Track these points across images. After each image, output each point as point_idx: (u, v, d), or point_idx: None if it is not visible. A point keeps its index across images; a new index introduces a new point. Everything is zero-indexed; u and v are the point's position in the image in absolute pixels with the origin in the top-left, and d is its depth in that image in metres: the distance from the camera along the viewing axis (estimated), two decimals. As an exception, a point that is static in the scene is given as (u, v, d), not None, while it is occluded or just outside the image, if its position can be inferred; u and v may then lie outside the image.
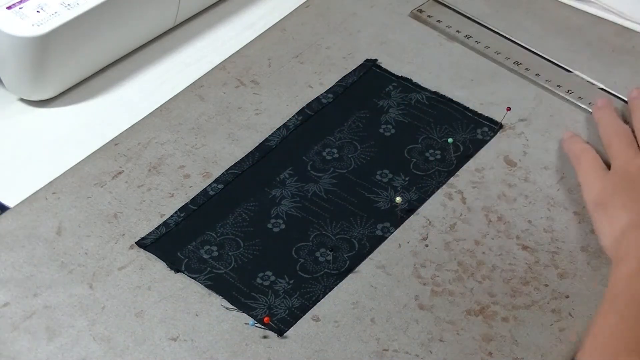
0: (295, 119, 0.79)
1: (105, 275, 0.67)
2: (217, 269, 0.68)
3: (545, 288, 0.67)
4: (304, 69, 0.84)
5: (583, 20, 0.90)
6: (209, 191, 0.73)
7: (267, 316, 0.64)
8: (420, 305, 0.66)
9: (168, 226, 0.71)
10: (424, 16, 0.89)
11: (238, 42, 0.87)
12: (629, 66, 0.85)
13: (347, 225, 0.71)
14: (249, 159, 0.76)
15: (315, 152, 0.76)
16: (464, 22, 0.89)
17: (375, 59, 0.84)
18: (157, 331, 0.64)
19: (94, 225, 0.71)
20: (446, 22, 0.89)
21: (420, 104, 0.80)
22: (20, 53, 0.76)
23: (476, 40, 0.87)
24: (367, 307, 0.66)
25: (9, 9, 0.76)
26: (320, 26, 0.88)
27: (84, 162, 0.75)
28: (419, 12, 0.90)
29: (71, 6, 0.77)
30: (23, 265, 0.68)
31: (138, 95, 0.83)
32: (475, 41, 0.87)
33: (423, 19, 0.89)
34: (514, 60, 0.85)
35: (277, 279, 0.67)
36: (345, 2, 0.91)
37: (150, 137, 0.77)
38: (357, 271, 0.68)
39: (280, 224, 0.71)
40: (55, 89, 0.81)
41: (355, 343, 0.64)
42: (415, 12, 0.90)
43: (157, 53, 0.86)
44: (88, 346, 0.63)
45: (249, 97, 0.81)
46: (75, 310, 0.65)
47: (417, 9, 0.90)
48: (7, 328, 0.64)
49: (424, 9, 0.90)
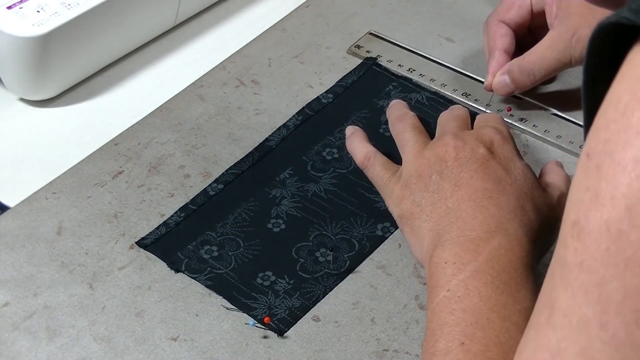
0: (295, 119, 0.79)
1: (105, 275, 0.67)
2: (217, 269, 0.68)
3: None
4: (304, 69, 0.84)
5: (583, 20, 0.90)
6: (209, 191, 0.73)
7: (267, 316, 0.64)
8: (420, 305, 0.66)
9: (168, 226, 0.71)
10: (362, 52, 0.85)
11: (238, 42, 0.87)
12: (629, 66, 0.85)
13: (347, 225, 0.71)
14: (249, 159, 0.76)
15: (315, 152, 0.76)
16: (404, 55, 0.85)
17: (375, 57, 0.84)
18: (157, 331, 0.64)
19: (94, 225, 0.71)
20: (386, 56, 0.84)
21: (420, 104, 0.80)
22: (20, 53, 0.76)
23: (420, 74, 0.83)
24: (367, 307, 0.66)
25: (9, 9, 0.76)
26: (320, 26, 0.88)
27: (84, 162, 0.75)
28: (356, 47, 0.85)
29: (71, 6, 0.77)
30: (23, 265, 0.68)
31: (138, 95, 0.82)
32: (419, 74, 0.83)
33: (361, 55, 0.85)
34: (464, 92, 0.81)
35: (277, 279, 0.67)
36: (345, 2, 0.91)
37: (150, 137, 0.77)
38: (357, 271, 0.68)
39: (280, 224, 0.71)
40: (56, 89, 0.81)
41: (355, 343, 0.64)
42: (353, 48, 0.85)
43: (157, 53, 0.86)
44: (88, 346, 0.63)
45: (249, 97, 0.81)
46: (75, 310, 0.65)
47: (354, 45, 0.86)
48: (7, 328, 0.64)
49: (361, 44, 0.86)
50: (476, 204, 0.63)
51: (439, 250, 0.62)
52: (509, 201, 0.64)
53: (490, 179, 0.65)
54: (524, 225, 0.63)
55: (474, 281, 0.59)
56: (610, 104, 0.41)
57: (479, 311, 0.58)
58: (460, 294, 0.59)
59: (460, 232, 0.62)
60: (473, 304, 0.58)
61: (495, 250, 0.61)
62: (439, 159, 0.67)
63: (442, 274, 0.60)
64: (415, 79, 0.82)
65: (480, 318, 0.57)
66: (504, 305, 0.58)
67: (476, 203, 0.64)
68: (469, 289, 0.59)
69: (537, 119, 0.80)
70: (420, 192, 0.66)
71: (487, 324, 0.57)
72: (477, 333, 0.56)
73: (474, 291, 0.59)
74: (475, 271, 0.59)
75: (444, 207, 0.64)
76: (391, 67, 0.83)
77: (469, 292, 0.59)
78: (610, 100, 0.41)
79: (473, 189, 0.64)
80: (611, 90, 0.41)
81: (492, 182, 0.65)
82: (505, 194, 0.64)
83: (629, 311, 0.40)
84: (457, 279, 0.59)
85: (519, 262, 0.61)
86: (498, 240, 0.61)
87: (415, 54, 0.85)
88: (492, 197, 0.64)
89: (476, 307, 0.58)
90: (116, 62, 0.85)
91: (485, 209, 0.63)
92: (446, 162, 0.66)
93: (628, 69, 0.41)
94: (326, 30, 0.88)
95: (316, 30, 0.88)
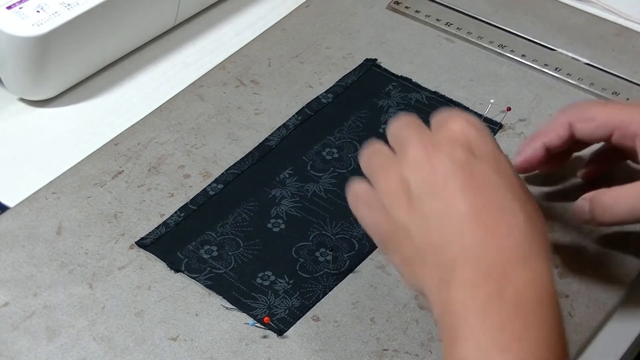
0: (295, 119, 0.79)
1: (105, 275, 0.67)
2: (217, 269, 0.68)
3: (545, 288, 0.67)
4: (304, 69, 0.84)
5: (583, 20, 0.90)
6: (208, 191, 0.73)
7: (267, 316, 0.64)
8: (420, 305, 0.66)
9: (168, 226, 0.71)
10: (402, 8, 0.90)
11: (238, 42, 0.87)
12: (629, 66, 0.85)
13: (347, 225, 0.71)
14: (248, 158, 0.76)
15: (315, 152, 0.76)
16: (443, 11, 0.90)
17: (375, 58, 0.84)
18: (157, 331, 0.64)
19: (94, 225, 0.71)
20: (425, 11, 0.89)
21: (420, 104, 0.80)
22: (20, 53, 0.76)
23: (458, 27, 0.88)
24: (367, 307, 0.66)
25: (9, 8, 0.76)
26: (320, 26, 0.89)
27: (84, 162, 0.75)
28: (395, 4, 0.90)
29: (71, 6, 0.77)
30: (23, 265, 0.68)
31: (138, 95, 0.83)
32: (457, 28, 0.88)
33: (401, 11, 0.89)
34: (499, 43, 0.86)
35: (277, 278, 0.67)
36: (345, 2, 0.91)
37: (150, 137, 0.77)
38: (357, 271, 0.68)
39: (280, 223, 0.71)
40: (55, 89, 0.81)
41: (355, 343, 0.64)
42: (392, 4, 0.90)
43: (157, 53, 0.86)
44: (88, 346, 0.63)
45: (249, 97, 0.81)
46: (75, 310, 0.65)
47: (394, 1, 0.90)
48: (7, 328, 0.64)
49: (400, 1, 0.90)
50: (485, 232, 0.51)
51: (455, 291, 0.51)
52: (516, 216, 0.52)
53: (484, 190, 0.53)
54: (540, 241, 0.52)
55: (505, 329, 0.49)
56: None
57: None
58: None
59: (471, 267, 0.51)
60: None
61: (523, 289, 0.50)
62: (410, 165, 0.55)
63: (463, 319, 0.50)
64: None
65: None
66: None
67: (483, 229, 0.51)
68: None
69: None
70: (401, 214, 0.54)
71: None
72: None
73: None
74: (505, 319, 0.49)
75: (438, 233, 0.52)
76: (428, 21, 0.88)
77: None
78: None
79: (470, 211, 0.52)
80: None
81: (488, 193, 0.53)
82: (507, 209, 0.52)
83: None
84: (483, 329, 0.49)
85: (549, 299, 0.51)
86: (522, 276, 0.50)
87: (455, 11, 0.90)
88: (500, 220, 0.52)
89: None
90: (116, 62, 0.85)
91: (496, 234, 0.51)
92: (421, 173, 0.54)
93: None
94: (326, 30, 0.88)
95: (316, 30, 0.88)
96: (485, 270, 0.50)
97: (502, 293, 0.49)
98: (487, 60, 0.85)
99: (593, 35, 0.88)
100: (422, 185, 0.53)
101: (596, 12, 0.91)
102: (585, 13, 0.91)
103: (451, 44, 0.87)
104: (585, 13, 0.91)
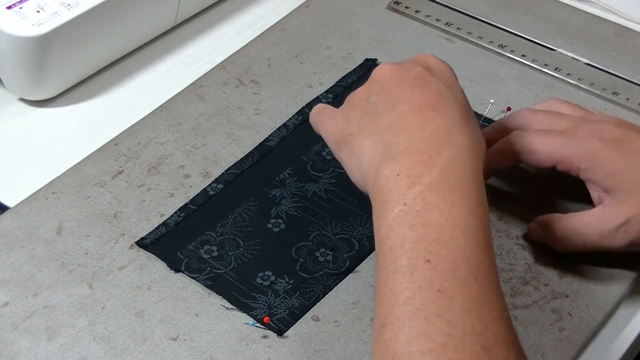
0: (295, 119, 0.79)
1: (105, 275, 0.67)
2: (217, 269, 0.68)
3: (545, 288, 0.67)
4: (304, 69, 0.84)
5: (583, 20, 0.90)
6: (208, 191, 0.73)
7: (267, 316, 0.64)
8: (420, 305, 0.66)
9: (168, 226, 0.71)
10: (402, 8, 0.90)
11: (238, 42, 0.87)
12: (629, 66, 0.85)
13: (347, 225, 0.71)
14: (248, 158, 0.76)
15: (315, 152, 0.76)
16: (443, 11, 0.90)
17: (375, 58, 0.84)
18: (157, 331, 0.64)
19: (94, 225, 0.71)
20: (425, 11, 0.90)
21: (420, 104, 0.80)
22: (20, 53, 0.76)
23: (458, 27, 0.88)
24: (367, 307, 0.66)
25: (9, 8, 0.76)
26: (320, 26, 0.89)
27: (84, 162, 0.75)
28: (395, 4, 0.90)
29: (71, 6, 0.77)
30: (23, 265, 0.68)
31: (138, 95, 0.83)
32: (457, 28, 0.88)
33: (401, 11, 0.90)
34: (499, 43, 0.87)
35: (277, 278, 0.67)
36: (345, 2, 0.91)
37: (150, 137, 0.77)
38: (357, 271, 0.68)
39: (280, 223, 0.71)
40: (55, 89, 0.81)
41: (355, 343, 0.64)
42: (392, 4, 0.90)
43: (157, 53, 0.86)
44: (88, 346, 0.63)
45: (249, 97, 0.81)
46: (75, 310, 0.65)
47: (394, 1, 0.90)
48: (7, 328, 0.64)
49: (400, 1, 0.91)
50: (422, 116, 0.60)
51: (389, 163, 0.58)
52: (454, 114, 0.60)
53: (432, 94, 0.61)
54: (471, 138, 0.59)
55: (431, 195, 0.55)
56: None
57: (440, 227, 0.54)
58: (419, 208, 0.55)
59: (409, 143, 0.58)
60: (434, 219, 0.55)
61: (448, 162, 0.57)
62: (374, 82, 0.63)
63: (395, 187, 0.57)
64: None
65: (443, 234, 0.54)
66: (465, 221, 0.55)
67: (421, 115, 0.60)
68: (427, 202, 0.55)
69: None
70: (358, 115, 0.63)
71: (450, 241, 0.54)
72: (442, 250, 0.53)
73: (433, 205, 0.55)
74: (431, 184, 0.56)
75: (387, 121, 0.60)
76: (428, 21, 0.88)
77: (428, 207, 0.55)
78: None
79: (416, 103, 0.60)
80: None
81: (434, 96, 0.61)
82: (449, 107, 0.60)
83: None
84: (413, 192, 0.56)
85: (472, 175, 0.57)
86: (449, 152, 0.57)
87: (455, 11, 0.90)
88: (436, 110, 0.60)
89: (437, 222, 0.54)
90: (116, 62, 0.85)
91: (432, 120, 0.59)
92: (382, 83, 0.62)
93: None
94: (326, 30, 0.88)
95: (316, 30, 0.88)
96: (420, 143, 0.58)
97: (432, 162, 0.57)
98: (487, 60, 0.85)
99: (593, 35, 0.88)
100: (379, 90, 0.62)
101: (596, 12, 0.91)
102: (585, 13, 0.91)
103: (451, 44, 0.87)
104: (585, 13, 0.91)
